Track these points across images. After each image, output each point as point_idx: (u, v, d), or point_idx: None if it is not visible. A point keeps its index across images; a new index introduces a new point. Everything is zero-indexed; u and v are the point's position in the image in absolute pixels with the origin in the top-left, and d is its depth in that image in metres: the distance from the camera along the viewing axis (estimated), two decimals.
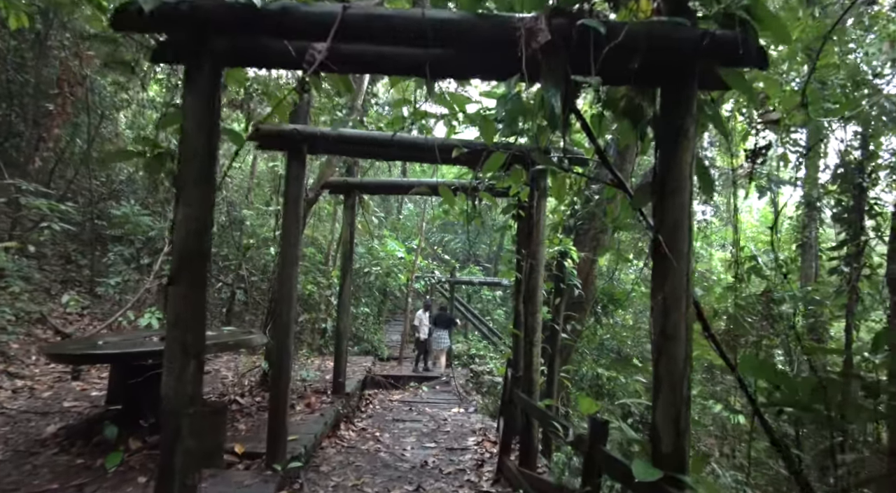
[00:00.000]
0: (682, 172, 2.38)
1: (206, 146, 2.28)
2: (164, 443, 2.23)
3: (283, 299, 4.30)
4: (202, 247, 2.26)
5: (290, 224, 4.36)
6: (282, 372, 4.26)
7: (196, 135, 2.28)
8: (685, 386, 2.34)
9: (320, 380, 7.46)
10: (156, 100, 14.12)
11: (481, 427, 6.82)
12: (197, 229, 2.23)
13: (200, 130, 2.28)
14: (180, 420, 2.24)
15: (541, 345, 4.74)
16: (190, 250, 2.24)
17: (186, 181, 2.25)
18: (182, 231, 2.23)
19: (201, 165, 2.26)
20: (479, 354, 16.26)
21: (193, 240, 2.23)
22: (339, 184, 6.49)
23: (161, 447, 2.24)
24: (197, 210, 2.23)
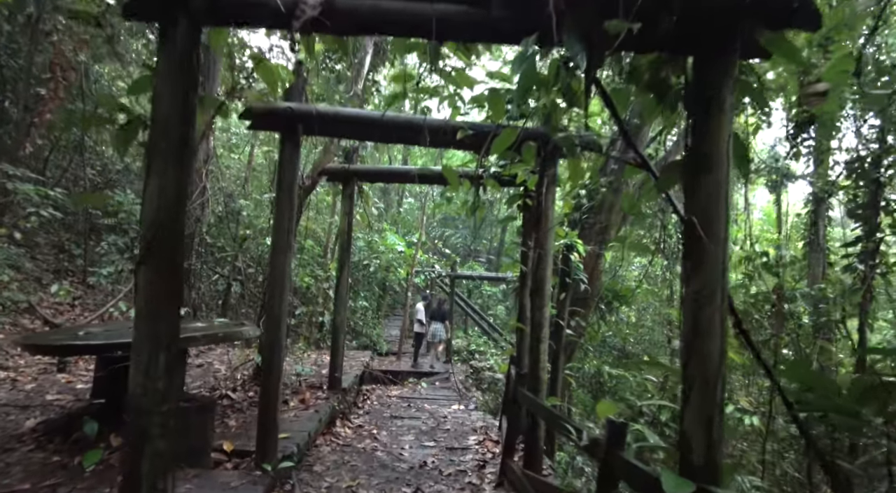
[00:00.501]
0: (719, 148, 2.11)
1: (180, 111, 2.02)
2: (130, 446, 1.97)
3: (274, 290, 4.04)
4: (175, 223, 1.99)
5: (284, 210, 4.09)
6: (273, 366, 4.00)
7: (170, 98, 2.01)
8: (720, 389, 2.08)
9: (316, 375, 7.21)
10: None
11: (482, 425, 6.58)
12: (169, 203, 1.97)
13: (175, 93, 2.01)
14: (149, 420, 1.98)
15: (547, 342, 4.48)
16: (162, 226, 1.97)
17: (158, 149, 1.98)
18: (152, 205, 1.96)
19: (175, 131, 1.99)
20: (479, 350, 16.03)
21: (166, 215, 1.97)
22: (336, 171, 6.21)
23: (126, 451, 1.98)
24: (170, 181, 1.97)
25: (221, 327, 5.25)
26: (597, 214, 9.55)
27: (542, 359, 4.37)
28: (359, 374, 8.11)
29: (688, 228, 2.16)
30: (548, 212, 4.38)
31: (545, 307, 4.39)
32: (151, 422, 1.99)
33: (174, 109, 2.00)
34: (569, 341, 8.38)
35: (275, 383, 3.99)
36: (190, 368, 7.31)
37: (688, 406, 2.08)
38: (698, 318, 2.09)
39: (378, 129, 4.10)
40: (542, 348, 4.37)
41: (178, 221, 2.00)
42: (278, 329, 4.00)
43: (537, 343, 4.36)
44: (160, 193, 1.96)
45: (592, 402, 9.90)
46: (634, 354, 14.57)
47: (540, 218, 4.40)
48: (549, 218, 4.41)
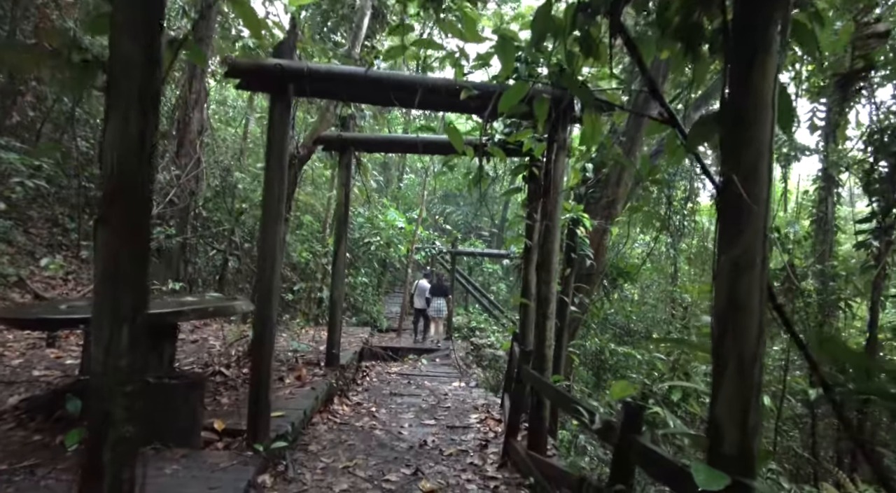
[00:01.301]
0: (763, 97, 1.83)
1: (144, 46, 1.73)
2: (90, 432, 1.74)
3: (266, 262, 3.79)
4: (140, 175, 1.72)
5: (274, 178, 3.82)
6: (264, 341, 3.78)
7: (132, 30, 1.72)
8: (757, 369, 1.85)
9: (314, 351, 7.03)
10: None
11: (484, 403, 6.42)
12: (132, 152, 1.69)
13: (137, 23, 1.72)
14: (111, 403, 1.74)
15: None
16: (123, 178, 1.70)
17: (119, 91, 1.70)
18: (113, 154, 1.69)
19: (138, 70, 1.71)
20: (479, 327, 15.94)
21: (128, 165, 1.69)
22: (332, 139, 5.91)
23: (85, 437, 1.75)
24: (133, 127, 1.69)
25: (213, 301, 5.03)
26: (603, 189, 9.26)
27: (547, 336, 4.15)
28: (358, 351, 7.94)
29: (726, 188, 1.89)
30: (556, 181, 4.10)
31: (552, 282, 4.15)
32: (114, 404, 1.75)
33: (136, 42, 1.72)
34: (573, 317, 8.18)
35: (266, 360, 3.78)
36: (184, 343, 7.14)
37: (721, 389, 1.85)
38: (735, 288, 1.84)
39: (375, 88, 3.79)
40: (549, 324, 4.15)
41: (142, 172, 1.72)
42: (270, 303, 3.77)
43: (543, 320, 4.13)
44: (122, 140, 1.68)
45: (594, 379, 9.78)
46: (637, 331, 14.46)
47: (548, 188, 4.12)
48: (558, 187, 4.14)
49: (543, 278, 4.15)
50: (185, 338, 7.45)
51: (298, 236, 14.12)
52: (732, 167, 1.87)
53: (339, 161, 6.15)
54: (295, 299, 12.50)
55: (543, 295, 4.13)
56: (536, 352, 4.15)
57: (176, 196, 10.14)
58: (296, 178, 6.22)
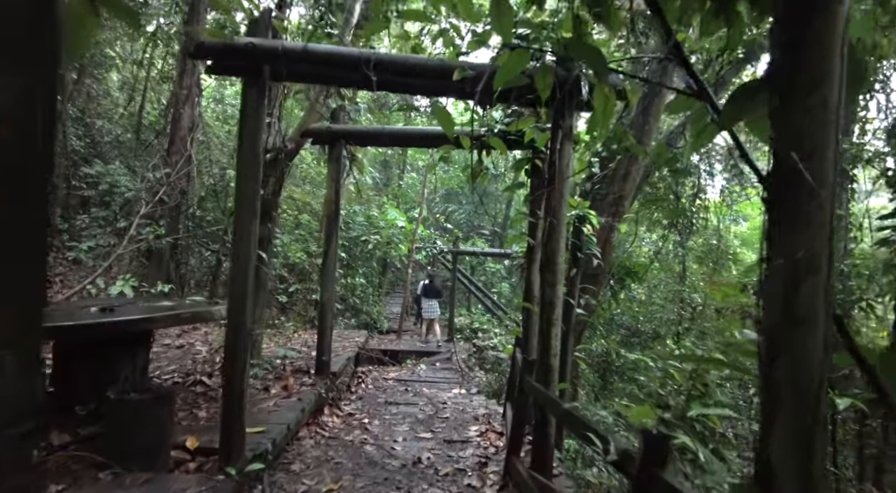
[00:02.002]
0: (830, 50, 1.43)
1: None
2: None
3: (238, 263, 3.41)
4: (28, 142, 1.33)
5: (248, 171, 3.44)
6: (237, 352, 3.40)
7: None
8: (822, 400, 1.46)
9: (305, 357, 6.66)
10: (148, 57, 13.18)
11: (485, 413, 6.02)
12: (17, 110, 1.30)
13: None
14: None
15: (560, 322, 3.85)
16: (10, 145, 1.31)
17: None
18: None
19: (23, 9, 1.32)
20: (482, 328, 15.56)
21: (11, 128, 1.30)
22: (321, 132, 5.52)
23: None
24: (30, 72, 1.30)
25: (190, 306, 4.66)
26: (609, 184, 8.83)
27: (552, 344, 3.75)
28: (352, 355, 7.56)
29: (780, 171, 1.49)
30: (561, 173, 3.70)
31: (557, 284, 3.74)
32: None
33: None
34: (579, 320, 7.78)
35: (240, 371, 3.39)
36: (169, 349, 6.78)
37: (774, 426, 1.45)
38: (794, 298, 1.43)
39: (357, 71, 3.40)
40: (554, 331, 3.75)
41: (32, 138, 1.34)
42: (243, 308, 3.39)
43: (548, 326, 3.73)
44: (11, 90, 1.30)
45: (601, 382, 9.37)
46: (643, 332, 14.05)
47: (552, 181, 3.72)
48: (563, 180, 3.73)
49: (548, 279, 3.75)
50: (170, 343, 7.10)
51: (296, 236, 13.76)
52: (789, 143, 1.48)
53: (329, 154, 5.76)
54: (291, 301, 12.14)
55: (548, 298, 3.73)
56: (540, 362, 3.75)
57: (166, 195, 9.78)
58: (282, 174, 5.84)
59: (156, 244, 9.60)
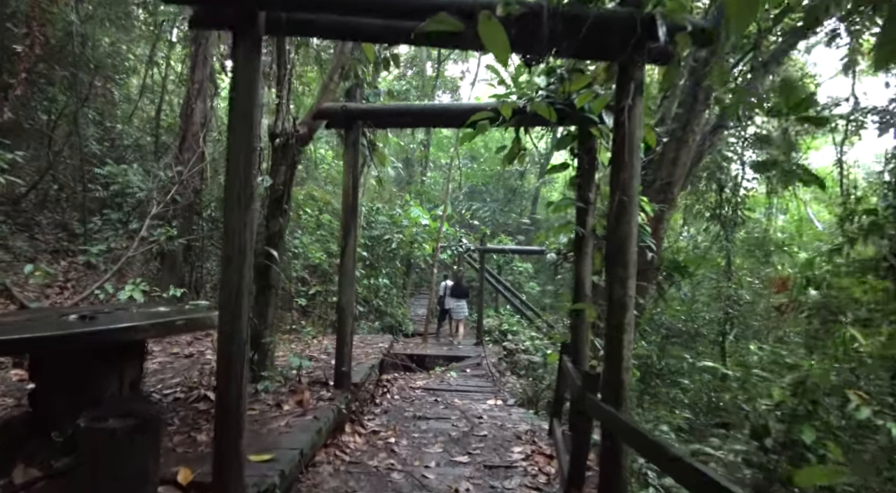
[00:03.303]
0: None
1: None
2: None
3: (231, 262, 2.74)
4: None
5: (239, 148, 2.76)
6: (231, 369, 2.73)
7: None
8: None
9: (324, 366, 6.00)
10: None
11: (528, 429, 5.27)
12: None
13: None
14: None
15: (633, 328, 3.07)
16: None
17: None
18: None
19: None
20: (511, 329, 14.80)
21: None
22: (335, 111, 4.85)
23: None
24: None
25: (188, 312, 4.03)
26: (657, 169, 7.99)
27: (624, 355, 2.97)
28: (376, 363, 6.88)
29: None
30: (633, 137, 2.93)
31: (630, 280, 2.97)
32: None
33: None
34: None
35: (234, 395, 2.72)
36: (176, 359, 6.21)
37: None
38: None
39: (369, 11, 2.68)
40: (626, 339, 2.97)
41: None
42: (236, 316, 2.72)
43: (618, 332, 2.96)
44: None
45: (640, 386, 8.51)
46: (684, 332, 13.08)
47: (621, 148, 2.95)
48: (636, 147, 2.96)
49: (618, 274, 2.98)
50: (178, 352, 6.53)
51: (318, 236, 13.22)
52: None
53: (345, 139, 5.09)
54: (312, 304, 11.56)
55: (618, 298, 2.96)
56: (609, 378, 2.99)
57: (178, 194, 9.29)
58: (294, 162, 5.19)
59: (168, 246, 9.11)
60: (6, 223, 9.69)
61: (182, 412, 4.23)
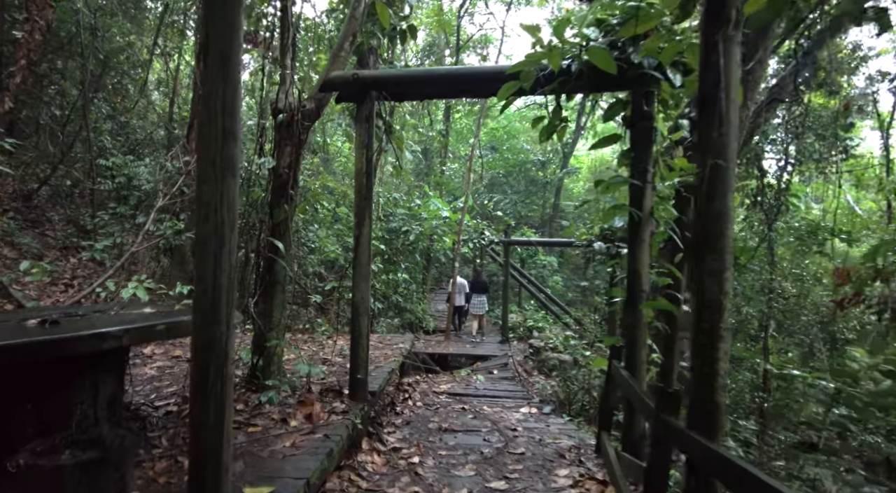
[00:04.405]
0: None
1: None
2: None
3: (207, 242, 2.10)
4: None
5: (216, 86, 2.10)
6: (208, 389, 2.09)
7: None
8: None
9: (338, 371, 5.40)
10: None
11: (571, 445, 4.58)
12: None
13: None
14: None
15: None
16: None
17: None
18: None
19: None
20: (537, 326, 14.10)
21: None
22: (345, 80, 4.20)
23: None
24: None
25: (175, 314, 3.43)
26: None
27: (720, 371, 2.27)
28: (396, 367, 6.25)
29: None
30: (730, 80, 2.21)
31: (726, 273, 2.26)
32: None
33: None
34: None
35: (213, 422, 2.09)
36: (177, 363, 5.66)
37: None
38: None
39: None
40: (722, 350, 2.26)
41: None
42: (215, 319, 2.09)
43: (711, 341, 2.25)
44: None
45: None
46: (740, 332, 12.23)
47: (713, 94, 2.23)
48: (732, 92, 2.24)
49: (709, 265, 2.26)
50: (181, 355, 6.00)
51: (334, 230, 12.66)
52: None
53: (357, 113, 4.44)
54: (328, 300, 11.00)
55: (710, 297, 2.25)
56: (698, 397, 2.28)
57: (186, 185, 8.77)
58: (300, 141, 4.56)
59: (176, 241, 8.61)
60: (15, 220, 9.30)
61: (172, 430, 3.64)
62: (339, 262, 11.59)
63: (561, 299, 16.64)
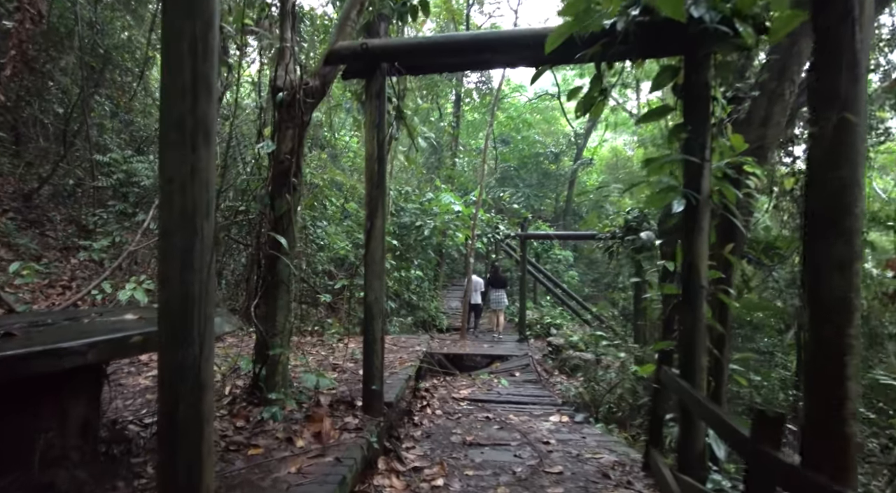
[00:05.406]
0: None
1: None
2: None
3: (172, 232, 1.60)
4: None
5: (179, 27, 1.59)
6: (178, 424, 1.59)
7: None
8: None
9: (349, 379, 4.90)
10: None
11: (613, 461, 4.04)
12: None
13: None
14: None
15: None
16: None
17: None
18: None
19: None
20: (555, 323, 13.55)
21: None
22: (352, 51, 3.67)
23: None
24: None
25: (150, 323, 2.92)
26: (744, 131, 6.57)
27: (848, 392, 1.72)
28: (412, 373, 5.74)
29: None
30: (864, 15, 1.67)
31: (856, 263, 1.72)
32: None
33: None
34: None
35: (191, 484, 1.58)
36: None
37: None
38: None
39: None
40: (850, 365, 1.72)
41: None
42: (185, 337, 1.58)
43: (834, 352, 1.71)
44: None
45: None
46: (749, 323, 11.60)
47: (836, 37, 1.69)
48: (865, 31, 1.69)
49: (833, 252, 1.72)
50: None
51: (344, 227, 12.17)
52: None
53: (367, 89, 3.91)
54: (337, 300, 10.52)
55: (839, 293, 1.70)
56: (816, 428, 1.74)
57: None
58: (303, 123, 4.05)
59: None
60: (14, 220, 8.92)
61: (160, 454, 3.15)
62: (350, 259, 11.11)
63: (577, 294, 16.07)
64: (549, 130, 24.44)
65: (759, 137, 6.48)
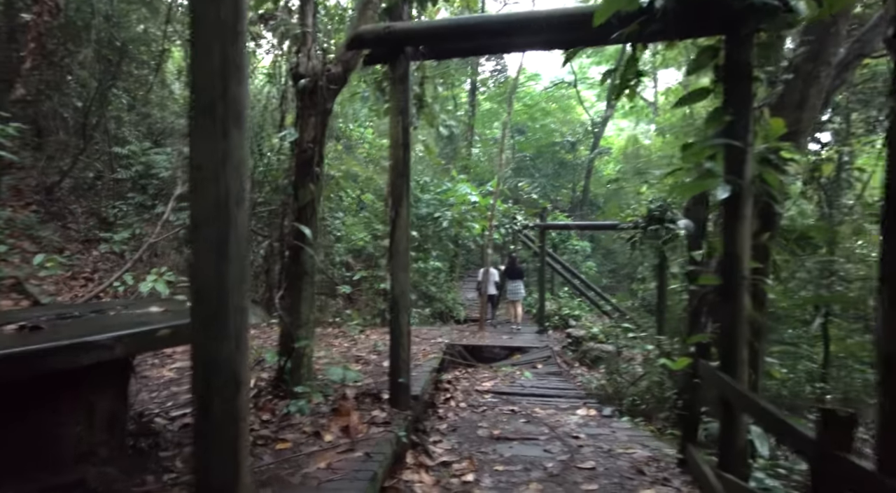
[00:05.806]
0: None
1: None
2: None
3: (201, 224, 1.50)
4: None
5: (205, 15, 1.49)
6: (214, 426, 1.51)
7: None
8: None
9: (374, 371, 4.83)
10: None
11: (647, 456, 3.92)
12: None
13: None
14: None
15: None
16: None
17: None
18: None
19: None
20: (573, 314, 13.40)
21: None
22: (375, 35, 3.55)
23: None
24: None
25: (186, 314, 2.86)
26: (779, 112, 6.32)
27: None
28: (436, 366, 5.66)
29: None
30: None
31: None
32: None
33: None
34: None
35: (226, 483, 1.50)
36: None
37: None
38: None
39: None
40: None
41: None
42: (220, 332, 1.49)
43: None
44: None
45: None
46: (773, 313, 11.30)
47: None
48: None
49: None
50: None
51: (360, 219, 12.12)
52: None
53: (391, 74, 3.79)
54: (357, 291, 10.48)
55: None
56: None
57: None
58: (325, 111, 3.94)
59: None
60: (37, 213, 8.99)
61: (188, 448, 3.11)
62: (368, 249, 11.05)
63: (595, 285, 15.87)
64: (566, 119, 24.05)
65: (794, 120, 6.22)
